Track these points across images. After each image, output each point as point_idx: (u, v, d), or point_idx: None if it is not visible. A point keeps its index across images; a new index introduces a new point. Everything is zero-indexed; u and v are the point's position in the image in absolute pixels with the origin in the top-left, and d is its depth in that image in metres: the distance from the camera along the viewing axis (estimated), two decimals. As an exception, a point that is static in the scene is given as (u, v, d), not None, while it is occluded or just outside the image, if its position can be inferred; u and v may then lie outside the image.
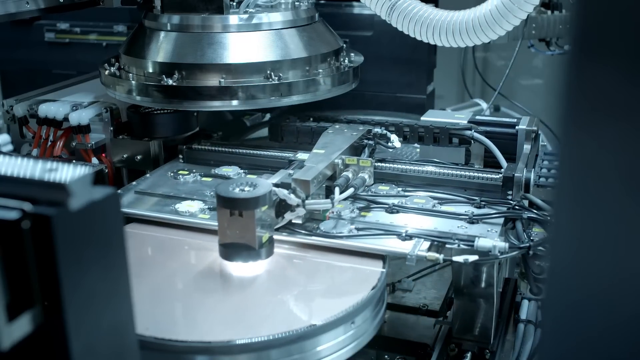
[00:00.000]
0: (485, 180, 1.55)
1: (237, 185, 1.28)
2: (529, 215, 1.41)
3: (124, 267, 0.80)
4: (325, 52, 1.86)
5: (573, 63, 0.51)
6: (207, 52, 1.74)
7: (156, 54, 1.78)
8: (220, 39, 1.75)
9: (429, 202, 1.50)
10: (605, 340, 0.55)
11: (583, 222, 0.54)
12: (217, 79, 1.72)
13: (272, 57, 1.75)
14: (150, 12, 1.87)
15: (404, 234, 1.35)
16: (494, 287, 1.35)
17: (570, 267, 0.56)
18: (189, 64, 1.73)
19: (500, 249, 1.28)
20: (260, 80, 1.73)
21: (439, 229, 1.38)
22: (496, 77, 2.84)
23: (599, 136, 0.51)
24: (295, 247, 1.39)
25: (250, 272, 1.32)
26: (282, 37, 1.79)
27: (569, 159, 0.53)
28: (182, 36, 1.78)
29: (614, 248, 0.53)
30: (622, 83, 0.49)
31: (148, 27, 1.85)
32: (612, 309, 0.54)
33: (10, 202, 0.69)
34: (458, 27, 1.64)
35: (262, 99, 1.73)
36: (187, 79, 1.73)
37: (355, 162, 1.56)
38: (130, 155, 1.83)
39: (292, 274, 1.33)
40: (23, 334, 0.70)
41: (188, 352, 1.11)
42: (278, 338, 1.12)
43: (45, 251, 0.69)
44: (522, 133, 1.67)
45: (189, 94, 1.73)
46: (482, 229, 1.38)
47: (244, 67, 1.73)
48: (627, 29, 0.48)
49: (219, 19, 1.76)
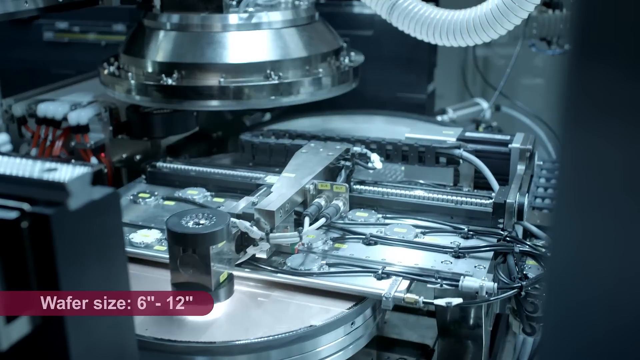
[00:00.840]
0: (474, 206, 1.42)
1: (191, 218, 1.16)
2: (522, 249, 1.29)
3: (123, 267, 0.80)
4: (326, 52, 1.85)
5: (573, 62, 0.50)
6: (207, 51, 1.73)
7: (155, 53, 1.78)
8: (219, 39, 1.75)
9: (411, 232, 1.37)
10: (606, 344, 0.54)
11: (584, 223, 0.53)
12: (216, 78, 1.71)
13: (272, 56, 1.74)
14: (150, 12, 1.86)
15: (380, 272, 1.22)
16: (482, 328, 1.25)
17: (570, 268, 0.54)
18: (188, 64, 1.73)
19: (488, 290, 1.16)
20: (260, 79, 1.72)
21: (421, 265, 1.26)
22: (497, 76, 2.81)
23: (600, 135, 0.50)
24: (259, 284, 1.27)
25: (207, 316, 1.17)
26: (282, 37, 1.78)
27: (570, 158, 0.53)
28: (182, 35, 1.78)
29: (615, 249, 0.52)
30: (623, 82, 0.48)
31: (147, 27, 1.84)
32: (613, 311, 0.53)
33: (9, 202, 0.68)
34: (459, 26, 1.60)
35: (262, 98, 1.73)
36: (187, 78, 1.73)
37: (329, 188, 1.42)
38: (130, 155, 1.83)
39: (255, 316, 1.19)
40: (21, 335, 0.69)
41: (187, 353, 1.10)
42: (278, 338, 1.10)
43: (44, 251, 0.68)
44: (515, 152, 1.54)
45: (188, 93, 1.72)
46: (469, 264, 1.26)
47: (244, 67, 1.73)
48: (627, 28, 0.47)
49: (218, 18, 1.75)
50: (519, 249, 1.29)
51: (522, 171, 1.52)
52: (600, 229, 0.52)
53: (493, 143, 1.60)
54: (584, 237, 0.53)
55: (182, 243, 1.14)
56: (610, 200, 0.51)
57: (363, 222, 1.43)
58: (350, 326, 1.18)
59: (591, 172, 0.51)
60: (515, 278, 1.22)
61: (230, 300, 1.20)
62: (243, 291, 1.24)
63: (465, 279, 1.18)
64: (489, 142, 1.60)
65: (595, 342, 0.54)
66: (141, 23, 1.88)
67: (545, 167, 1.78)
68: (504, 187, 1.46)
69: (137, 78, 1.79)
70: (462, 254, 1.29)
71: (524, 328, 1.25)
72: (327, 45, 1.88)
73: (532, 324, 1.24)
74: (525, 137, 1.58)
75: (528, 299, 1.22)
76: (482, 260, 1.28)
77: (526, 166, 1.54)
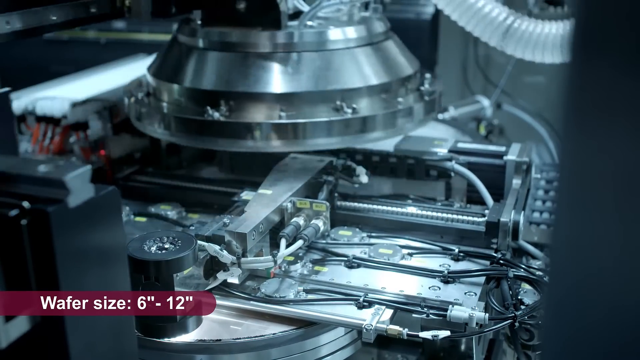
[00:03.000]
0: (465, 224, 1.36)
1: (155, 242, 1.08)
2: (516, 274, 1.21)
3: (123, 265, 0.80)
4: (406, 76, 1.54)
5: (574, 60, 0.50)
6: (262, 77, 1.42)
7: (196, 78, 1.47)
8: (278, 61, 1.44)
9: (397, 253, 1.30)
10: (606, 344, 0.53)
11: (584, 222, 0.52)
12: (275, 111, 1.41)
13: (344, 83, 1.44)
14: (187, 25, 1.55)
15: (361, 300, 1.15)
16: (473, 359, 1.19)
17: (571, 269, 0.54)
18: (239, 93, 1.41)
19: (479, 321, 1.09)
20: (330, 112, 1.42)
21: (406, 292, 1.18)
22: (498, 73, 2.82)
23: (601, 133, 0.50)
24: (231, 312, 1.19)
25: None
26: (356, 58, 1.47)
27: (571, 158, 0.52)
28: (229, 57, 1.46)
29: (615, 248, 0.51)
30: (623, 79, 0.48)
31: (184, 44, 1.55)
32: (614, 311, 0.52)
33: (8, 199, 0.69)
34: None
35: (334, 136, 1.42)
36: (237, 111, 1.41)
37: (309, 206, 1.30)
38: (129, 152, 1.76)
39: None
40: (20, 333, 0.70)
41: (188, 352, 1.09)
42: (278, 337, 1.10)
43: (43, 248, 0.69)
44: (511, 165, 1.44)
45: (239, 131, 1.40)
46: (459, 290, 1.19)
47: (309, 97, 1.42)
48: (628, 25, 0.47)
49: (275, 36, 1.44)
50: (513, 273, 1.21)
51: (518, 185, 1.43)
52: (601, 228, 0.52)
53: (487, 155, 1.50)
54: (585, 238, 0.53)
55: (144, 270, 1.06)
56: (611, 199, 0.51)
57: (346, 242, 1.36)
58: None
59: (592, 170, 0.51)
60: (510, 305, 1.14)
61: (199, 329, 1.12)
62: (214, 319, 1.16)
63: (453, 309, 1.12)
64: (483, 154, 1.51)
65: (595, 343, 0.54)
66: (175, 38, 1.58)
67: (544, 177, 1.69)
68: (498, 204, 1.38)
69: (171, 109, 1.49)
70: (451, 279, 1.22)
71: (519, 358, 1.17)
72: (405, 68, 1.56)
73: (527, 352, 1.17)
74: (522, 149, 1.50)
75: (523, 327, 1.14)
76: (473, 285, 1.21)
77: (522, 180, 1.45)
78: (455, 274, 1.23)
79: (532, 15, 2.35)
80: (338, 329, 1.14)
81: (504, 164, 1.46)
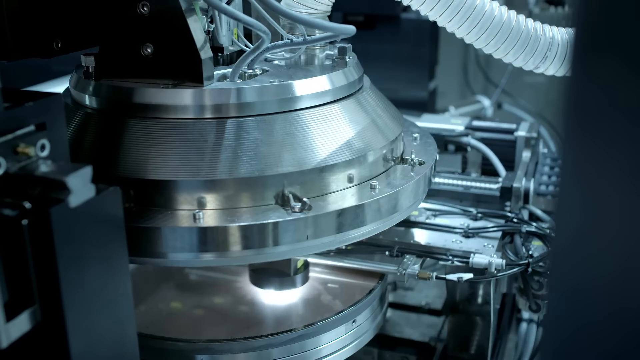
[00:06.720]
0: (482, 190, 1.50)
1: None
2: (528, 230, 1.34)
3: (124, 265, 0.78)
4: (391, 140, 1.12)
5: (575, 60, 0.50)
6: (182, 158, 0.95)
7: (87, 155, 0.99)
8: (207, 131, 0.96)
9: (423, 214, 1.43)
10: (608, 337, 0.54)
11: (586, 216, 0.53)
12: (194, 201, 0.94)
13: (301, 163, 0.98)
14: (82, 78, 1.07)
15: (395, 251, 1.29)
16: (490, 305, 1.29)
17: (573, 247, 0.54)
18: (149, 182, 0.94)
19: (497, 266, 1.22)
20: (280, 212, 0.95)
21: (432, 244, 1.31)
22: (499, 73, 2.84)
23: (602, 133, 0.50)
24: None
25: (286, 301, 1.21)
26: (326, 120, 1.04)
27: (572, 157, 0.52)
28: (136, 125, 0.98)
29: (617, 243, 0.52)
30: (625, 79, 0.48)
31: (74, 98, 1.09)
32: (617, 302, 0.53)
33: (9, 199, 0.67)
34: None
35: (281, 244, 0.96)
36: (144, 204, 0.95)
37: None
38: None
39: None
40: (21, 333, 0.69)
41: (188, 351, 1.08)
42: (279, 337, 1.10)
43: (44, 249, 0.67)
44: (521, 140, 1.62)
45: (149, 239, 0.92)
46: (478, 243, 1.31)
47: (252, 182, 0.95)
48: (629, 25, 0.47)
49: (201, 95, 0.97)
50: (525, 229, 1.35)
51: (528, 158, 1.59)
52: (604, 223, 0.52)
53: (499, 131, 1.67)
54: (587, 233, 0.53)
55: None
56: (612, 198, 0.51)
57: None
58: (352, 324, 1.18)
59: (593, 170, 0.51)
60: (522, 256, 1.28)
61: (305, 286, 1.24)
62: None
63: (475, 256, 1.24)
64: (496, 130, 1.67)
65: (597, 320, 0.55)
66: (70, 99, 1.10)
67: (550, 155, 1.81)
68: (511, 173, 1.52)
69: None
70: (471, 234, 1.35)
71: (530, 305, 1.32)
72: (391, 130, 1.14)
73: (537, 301, 1.31)
74: (531, 126, 1.66)
75: (534, 277, 1.29)
76: (490, 239, 1.33)
77: (531, 153, 1.60)
78: (475, 230, 1.36)
79: (533, 16, 2.43)
80: (338, 329, 1.15)
81: (514, 139, 1.62)
